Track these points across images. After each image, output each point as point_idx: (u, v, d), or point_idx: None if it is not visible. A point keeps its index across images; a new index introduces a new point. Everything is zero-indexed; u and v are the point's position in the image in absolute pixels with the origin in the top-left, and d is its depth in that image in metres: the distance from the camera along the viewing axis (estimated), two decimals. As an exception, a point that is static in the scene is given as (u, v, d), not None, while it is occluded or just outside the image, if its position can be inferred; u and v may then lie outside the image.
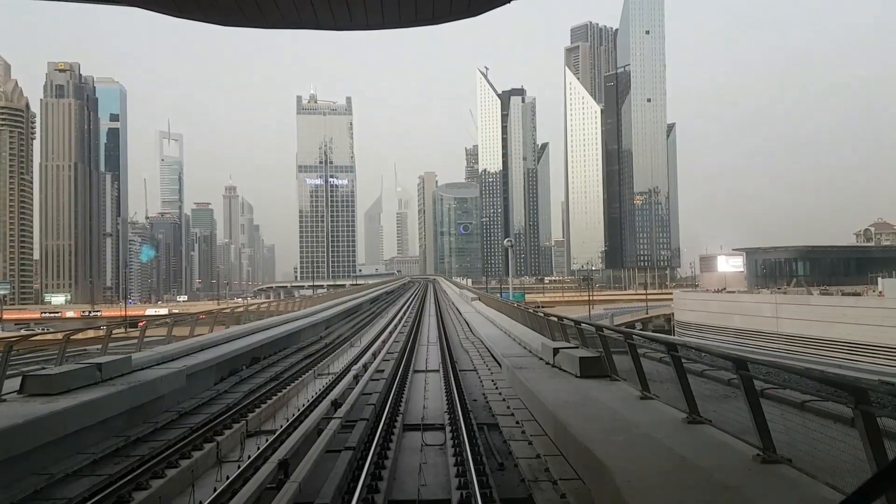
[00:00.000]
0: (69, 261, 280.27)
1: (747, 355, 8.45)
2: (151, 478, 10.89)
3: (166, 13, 8.59)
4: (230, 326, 29.53)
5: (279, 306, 42.32)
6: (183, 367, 17.70)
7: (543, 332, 22.48)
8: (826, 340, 53.25)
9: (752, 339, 62.37)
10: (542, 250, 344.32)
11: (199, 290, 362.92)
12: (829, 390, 6.54)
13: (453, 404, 16.12)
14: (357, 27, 9.07)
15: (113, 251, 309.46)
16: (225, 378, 21.94)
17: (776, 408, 7.55)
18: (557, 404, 11.59)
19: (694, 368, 9.93)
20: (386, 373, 22.87)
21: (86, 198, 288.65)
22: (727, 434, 8.38)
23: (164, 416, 15.72)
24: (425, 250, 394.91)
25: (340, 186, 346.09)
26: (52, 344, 27.15)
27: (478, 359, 26.23)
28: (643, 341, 12.53)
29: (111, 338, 19.55)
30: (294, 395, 19.70)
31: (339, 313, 51.39)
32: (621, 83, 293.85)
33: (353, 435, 12.92)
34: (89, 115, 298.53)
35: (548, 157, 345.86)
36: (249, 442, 13.86)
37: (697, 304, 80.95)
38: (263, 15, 8.44)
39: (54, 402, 12.12)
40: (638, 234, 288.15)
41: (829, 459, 6.24)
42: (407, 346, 31.20)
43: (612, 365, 13.85)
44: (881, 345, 48.03)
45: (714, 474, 6.88)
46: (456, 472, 10.78)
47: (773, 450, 7.16)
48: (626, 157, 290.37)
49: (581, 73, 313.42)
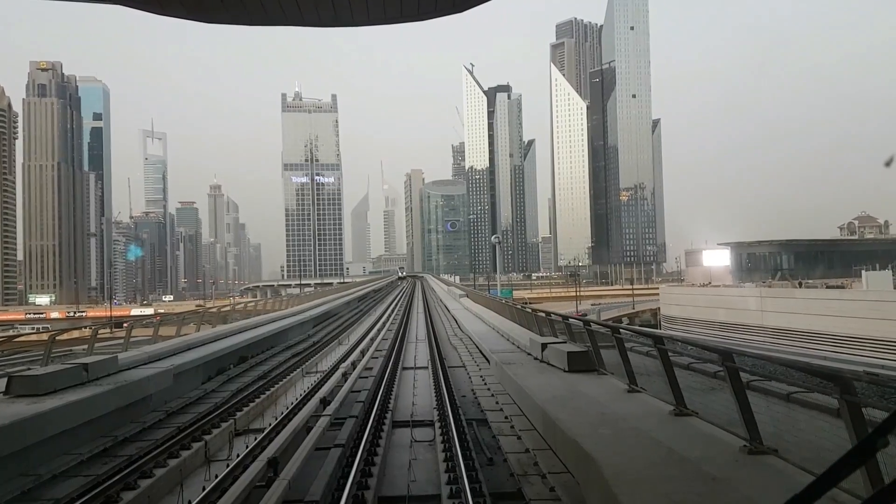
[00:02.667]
0: (53, 261, 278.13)
1: (733, 348, 8.51)
2: (140, 477, 10.84)
3: (149, 11, 8.54)
4: (217, 326, 29.41)
5: (266, 305, 42.16)
6: (170, 366, 17.62)
7: (531, 327, 22.55)
8: (811, 333, 53.68)
9: (737, 332, 62.77)
10: (530, 247, 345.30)
11: (184, 289, 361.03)
12: (815, 381, 6.60)
13: (442, 400, 16.15)
14: (342, 24, 9.05)
15: (97, 251, 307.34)
16: (212, 377, 21.85)
17: (762, 399, 7.61)
18: (546, 399, 11.62)
19: (680, 361, 10.00)
20: (375, 370, 22.87)
21: (69, 198, 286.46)
22: (714, 426, 8.43)
23: (152, 415, 15.65)
24: (413, 248, 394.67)
25: (327, 184, 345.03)
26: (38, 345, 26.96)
27: (466, 355, 26.27)
28: (630, 335, 12.60)
29: (97, 338, 19.44)
30: (282, 393, 19.66)
31: (326, 311, 51.28)
32: (606, 79, 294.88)
33: (342, 432, 12.92)
34: (72, 114, 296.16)
35: (534, 153, 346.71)
36: (238, 441, 13.82)
37: (683, 299, 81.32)
38: (247, 12, 8.41)
39: (40, 402, 12.03)
40: (624, 229, 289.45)
41: (815, 450, 6.31)
42: (395, 343, 31.20)
43: (599, 359, 13.92)
44: (866, 337, 48.48)
45: (701, 466, 6.93)
46: (445, 468, 10.81)
47: (759, 441, 7.22)
48: (612, 153, 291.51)
49: (566, 70, 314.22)
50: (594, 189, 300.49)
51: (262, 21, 9.04)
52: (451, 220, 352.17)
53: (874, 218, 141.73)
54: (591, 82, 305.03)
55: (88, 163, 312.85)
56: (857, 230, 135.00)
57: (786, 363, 7.50)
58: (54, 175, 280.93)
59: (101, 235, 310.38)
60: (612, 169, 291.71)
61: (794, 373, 7.24)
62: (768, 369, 7.79)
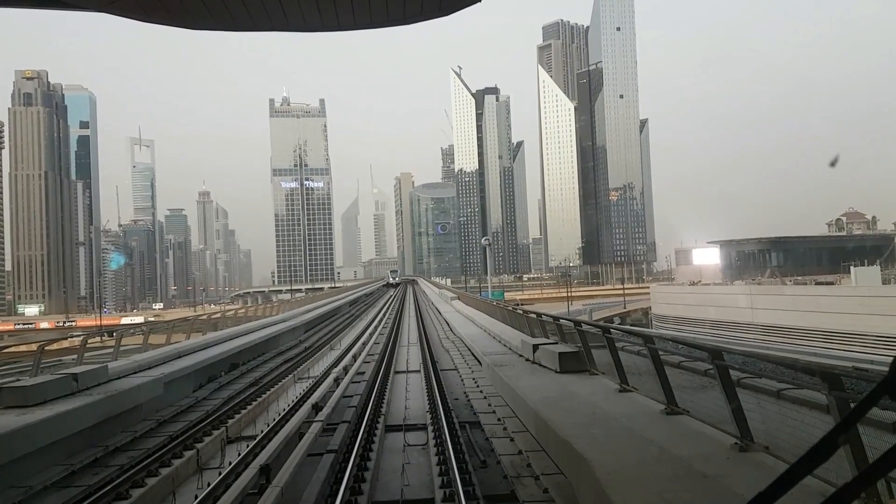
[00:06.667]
0: (42, 271, 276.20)
1: (723, 345, 8.55)
2: (132, 487, 10.77)
3: (134, 18, 8.50)
4: (207, 333, 29.28)
5: (256, 311, 42.02)
6: (161, 374, 17.55)
7: (523, 329, 22.58)
8: (801, 329, 54.03)
9: (728, 330, 63.10)
10: (520, 248, 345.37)
11: (174, 297, 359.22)
12: (804, 378, 6.64)
13: (435, 404, 16.13)
14: (328, 28, 9.03)
15: (86, 260, 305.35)
16: (203, 385, 21.77)
17: (752, 397, 7.65)
18: (538, 400, 11.65)
19: (671, 360, 10.04)
20: (367, 375, 22.83)
21: (57, 207, 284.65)
22: (705, 424, 8.47)
23: (143, 424, 15.57)
24: (403, 251, 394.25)
25: (316, 189, 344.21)
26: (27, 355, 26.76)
27: (458, 358, 26.28)
28: (621, 335, 12.64)
29: (87, 347, 19.32)
30: (274, 399, 19.58)
31: (318, 316, 51.17)
32: (594, 80, 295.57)
33: (334, 438, 12.90)
34: (58, 122, 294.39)
35: (523, 155, 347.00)
36: (230, 448, 13.76)
37: (674, 298, 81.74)
38: (233, 18, 8.39)
39: (30, 413, 11.96)
40: (614, 229, 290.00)
41: (805, 446, 6.26)
42: (387, 347, 31.14)
43: (591, 359, 13.96)
44: (855, 332, 48.81)
45: (693, 464, 6.96)
46: (439, 471, 10.81)
47: (750, 438, 7.26)
48: (601, 154, 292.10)
49: (554, 71, 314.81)
50: (583, 189, 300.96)
51: (248, 27, 9.02)
52: (442, 223, 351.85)
53: (862, 214, 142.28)
54: (579, 83, 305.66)
55: (76, 171, 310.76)
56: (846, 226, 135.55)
57: (775, 360, 7.55)
58: (41, 184, 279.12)
59: (89, 244, 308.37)
60: (601, 169, 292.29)
61: (784, 370, 7.28)
62: (758, 366, 7.83)
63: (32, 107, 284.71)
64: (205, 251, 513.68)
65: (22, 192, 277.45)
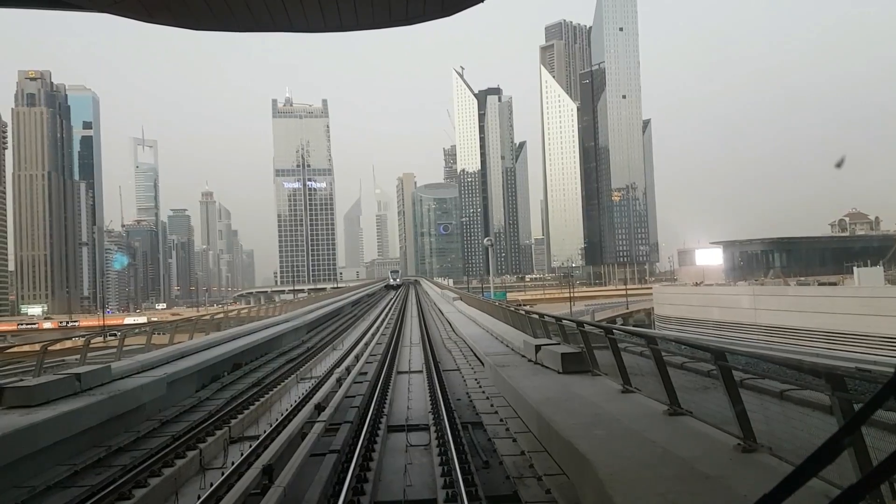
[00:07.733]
0: (45, 271, 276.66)
1: (726, 346, 8.53)
2: (134, 487, 10.78)
3: (137, 18, 8.51)
4: (210, 333, 29.30)
5: (259, 311, 42.05)
6: (163, 374, 17.56)
7: (525, 329, 22.56)
8: (804, 330, 53.89)
9: (731, 330, 62.95)
10: (523, 248, 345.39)
11: (177, 297, 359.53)
12: (808, 379, 6.63)
13: (437, 404, 16.12)
14: (330, 29, 9.03)
15: (89, 260, 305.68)
16: (206, 385, 21.77)
17: (755, 397, 7.63)
18: (540, 401, 11.64)
19: (674, 361, 10.02)
20: (369, 375, 22.82)
21: (60, 207, 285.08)
22: (708, 425, 8.46)
23: (146, 424, 15.58)
24: (406, 252, 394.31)
25: (319, 190, 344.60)
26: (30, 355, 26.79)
27: (461, 358, 26.26)
28: (623, 335, 12.63)
29: (90, 347, 19.35)
30: (277, 399, 19.59)
31: (321, 316, 51.20)
32: (596, 80, 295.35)
33: (337, 438, 12.89)
34: (61, 123, 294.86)
35: (525, 155, 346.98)
36: (233, 448, 13.77)
37: (677, 298, 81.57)
38: (236, 18, 8.39)
39: (34, 413, 11.97)
40: (617, 229, 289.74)
41: (808, 447, 6.30)
42: (390, 347, 31.13)
43: (593, 360, 13.94)
44: (858, 333, 48.67)
45: (696, 465, 6.95)
46: (441, 472, 10.80)
47: (753, 439, 7.24)
48: (603, 154, 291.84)
49: (556, 71, 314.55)
50: (586, 190, 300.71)
51: (251, 27, 9.02)
52: (444, 223, 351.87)
53: (865, 214, 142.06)
54: (581, 84, 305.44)
55: (79, 171, 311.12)
56: (849, 227, 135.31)
57: (778, 361, 7.53)
58: (45, 184, 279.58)
59: (92, 244, 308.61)
60: (604, 169, 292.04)
61: (787, 370, 7.26)
62: (761, 367, 7.81)
63: (36, 107, 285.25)
64: (207, 251, 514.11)
65: (25, 193, 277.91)
